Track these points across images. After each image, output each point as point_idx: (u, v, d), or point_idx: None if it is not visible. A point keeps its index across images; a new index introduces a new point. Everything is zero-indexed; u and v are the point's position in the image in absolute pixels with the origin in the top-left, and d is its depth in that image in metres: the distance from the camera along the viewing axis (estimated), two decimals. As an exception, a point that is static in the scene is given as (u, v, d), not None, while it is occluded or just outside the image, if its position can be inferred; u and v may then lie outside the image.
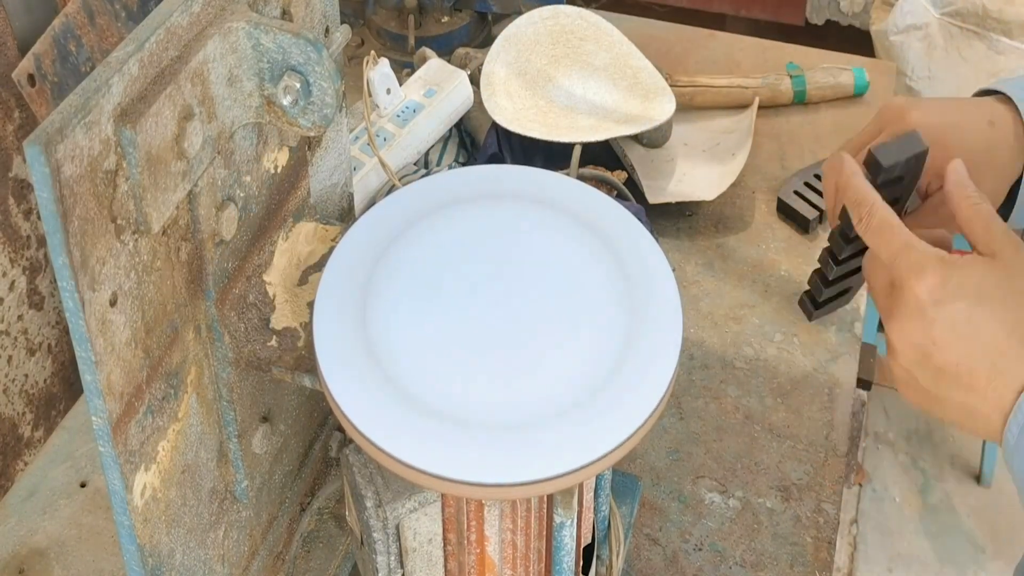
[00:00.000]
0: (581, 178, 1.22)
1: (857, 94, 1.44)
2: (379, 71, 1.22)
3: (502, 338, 0.72)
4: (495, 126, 1.25)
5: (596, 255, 0.77)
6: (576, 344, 0.72)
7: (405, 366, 0.70)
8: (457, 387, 0.70)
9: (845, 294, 0.89)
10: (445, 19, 1.50)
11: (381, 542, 0.75)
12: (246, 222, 0.73)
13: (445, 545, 0.78)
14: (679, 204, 1.27)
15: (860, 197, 0.73)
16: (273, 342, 0.75)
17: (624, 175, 1.28)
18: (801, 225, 1.27)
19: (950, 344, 0.65)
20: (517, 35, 1.32)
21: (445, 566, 0.79)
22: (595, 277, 0.75)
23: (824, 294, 0.87)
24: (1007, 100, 0.82)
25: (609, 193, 1.22)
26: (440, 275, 0.75)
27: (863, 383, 1.15)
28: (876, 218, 0.71)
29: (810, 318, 0.90)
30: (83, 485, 1.02)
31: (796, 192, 1.29)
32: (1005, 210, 0.84)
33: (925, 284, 0.66)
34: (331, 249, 0.78)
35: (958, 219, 0.71)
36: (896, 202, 0.79)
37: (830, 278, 0.85)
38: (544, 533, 0.76)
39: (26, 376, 1.08)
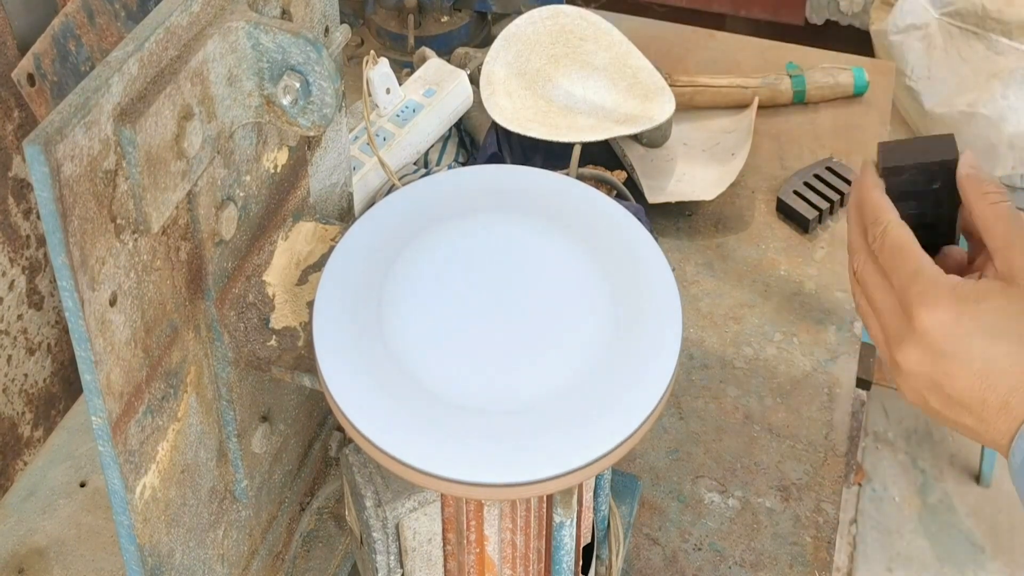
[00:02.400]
0: (581, 178, 1.22)
1: (857, 94, 1.44)
2: (379, 71, 1.22)
3: (501, 337, 0.72)
4: (495, 126, 1.25)
5: (596, 255, 0.77)
6: (575, 344, 0.72)
7: (405, 366, 0.70)
8: (457, 386, 0.70)
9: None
10: (445, 19, 1.50)
11: (381, 542, 0.75)
12: (246, 222, 0.73)
13: (445, 545, 0.78)
14: (679, 204, 1.27)
15: (876, 214, 0.69)
16: (273, 342, 0.75)
17: (624, 175, 1.28)
18: (801, 225, 1.27)
19: (963, 378, 0.64)
20: (517, 35, 1.32)
21: (445, 566, 0.79)
22: (594, 277, 0.75)
23: None
24: None
25: (609, 193, 1.22)
26: (440, 276, 0.75)
27: (863, 383, 1.15)
28: (888, 238, 0.68)
29: None
30: (83, 485, 1.02)
31: (796, 192, 1.29)
32: None
33: (937, 319, 0.64)
34: (331, 249, 0.78)
35: (974, 218, 0.67)
36: (926, 225, 0.70)
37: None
38: (544, 533, 0.76)
39: (26, 376, 1.08)
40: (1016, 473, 0.65)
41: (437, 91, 1.25)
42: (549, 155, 1.26)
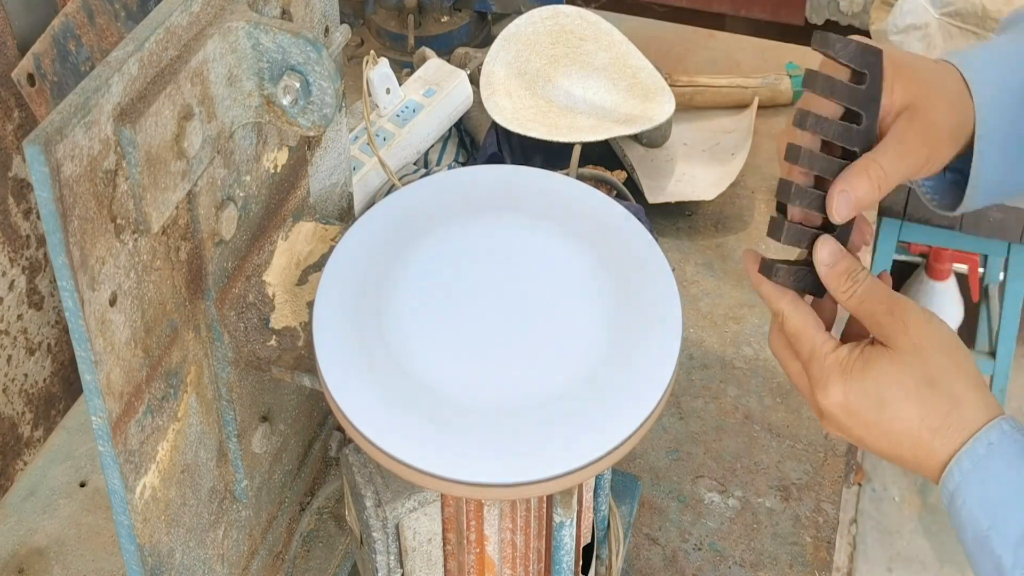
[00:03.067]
0: (581, 178, 1.22)
1: (857, 94, 1.44)
2: (379, 71, 1.22)
3: (501, 338, 0.72)
4: (495, 126, 1.25)
5: (595, 255, 0.77)
6: (575, 344, 0.72)
7: (405, 366, 0.70)
8: (457, 386, 0.70)
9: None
10: (445, 19, 1.50)
11: (381, 542, 0.75)
12: (246, 222, 0.73)
13: (445, 545, 0.78)
14: (679, 204, 1.27)
15: (771, 304, 0.73)
16: (273, 342, 0.75)
17: (624, 175, 1.28)
18: (801, 225, 1.27)
19: (873, 442, 0.69)
20: (517, 35, 1.32)
21: (445, 566, 0.79)
22: (594, 277, 0.75)
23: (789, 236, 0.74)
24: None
25: (609, 193, 1.22)
26: (440, 275, 0.75)
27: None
28: (788, 325, 0.72)
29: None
30: (83, 485, 1.02)
31: (796, 192, 1.29)
32: (954, 189, 0.78)
33: (832, 399, 0.69)
34: (331, 249, 0.78)
35: (845, 307, 0.72)
36: (855, 119, 0.72)
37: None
38: (544, 533, 0.76)
39: (25, 376, 1.08)
40: (950, 516, 0.69)
41: (437, 91, 1.25)
42: (549, 155, 1.26)
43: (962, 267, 2.37)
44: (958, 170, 0.77)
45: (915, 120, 0.72)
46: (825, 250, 0.70)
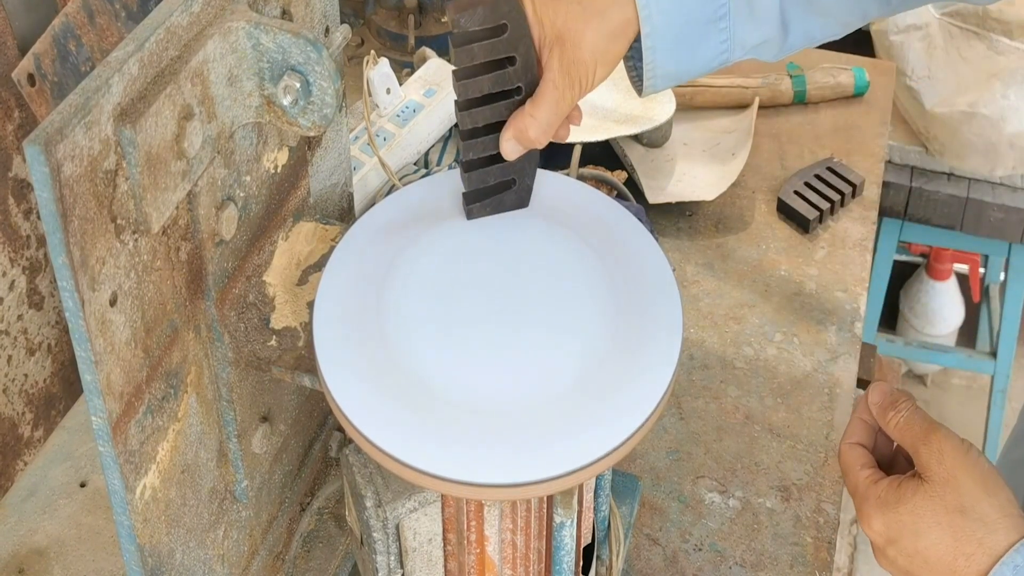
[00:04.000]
0: (581, 178, 1.22)
1: (857, 94, 1.44)
2: (379, 71, 1.22)
3: (501, 337, 0.72)
4: (495, 126, 1.25)
5: (596, 255, 0.77)
6: (576, 344, 0.72)
7: (405, 366, 0.70)
8: (457, 386, 0.70)
9: (508, 188, 0.80)
10: (445, 19, 1.50)
11: (381, 542, 0.75)
12: (246, 222, 0.73)
13: (445, 545, 0.78)
14: (679, 204, 1.27)
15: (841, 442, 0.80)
16: (273, 342, 0.75)
17: (624, 175, 1.28)
18: (801, 225, 1.27)
19: (911, 571, 0.73)
20: (517, 35, 1.32)
21: (445, 566, 0.79)
22: (595, 277, 0.75)
23: (472, 183, 0.79)
24: None
25: (609, 193, 1.22)
26: (440, 275, 0.75)
27: (863, 383, 1.15)
28: (840, 462, 0.78)
29: (469, 216, 0.80)
30: (83, 485, 1.02)
31: (796, 192, 1.29)
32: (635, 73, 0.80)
33: (874, 531, 0.74)
34: (331, 249, 0.78)
35: (890, 435, 0.77)
36: (511, 61, 0.75)
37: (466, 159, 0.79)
38: (544, 533, 0.76)
39: (26, 376, 1.08)
40: None
41: (437, 91, 1.25)
42: (549, 155, 1.25)
43: (962, 267, 2.37)
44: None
45: (564, 58, 0.75)
46: (876, 393, 0.77)
